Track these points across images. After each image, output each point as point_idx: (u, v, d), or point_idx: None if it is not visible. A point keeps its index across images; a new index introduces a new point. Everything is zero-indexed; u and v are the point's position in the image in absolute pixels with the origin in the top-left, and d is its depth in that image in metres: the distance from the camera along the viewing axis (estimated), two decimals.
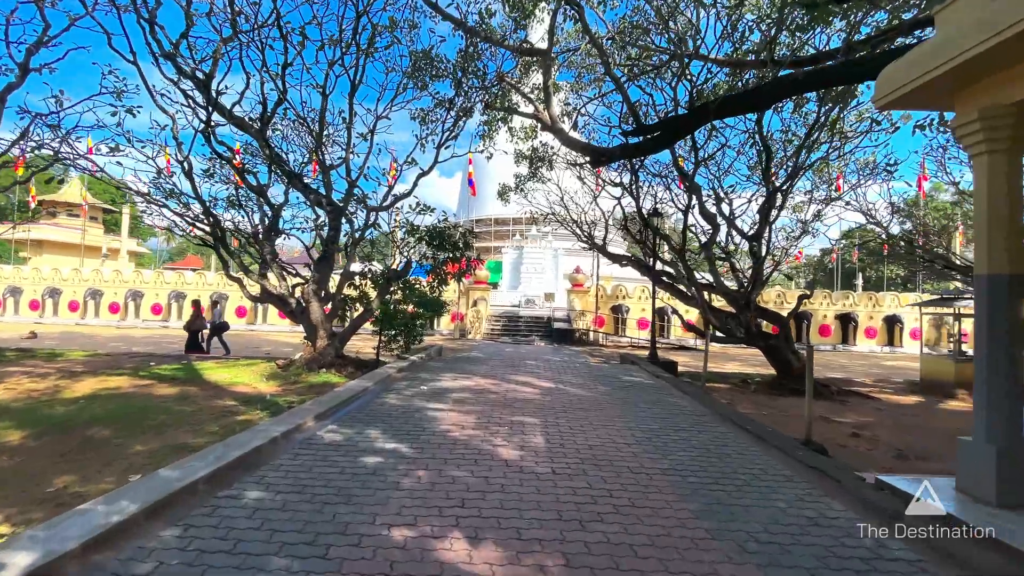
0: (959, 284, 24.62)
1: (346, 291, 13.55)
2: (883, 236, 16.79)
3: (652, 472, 4.79)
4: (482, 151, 15.95)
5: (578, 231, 18.59)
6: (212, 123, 12.45)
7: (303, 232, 14.37)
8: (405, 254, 13.88)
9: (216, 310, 16.86)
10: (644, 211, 12.22)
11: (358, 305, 13.45)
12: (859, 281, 45.19)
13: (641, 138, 8.81)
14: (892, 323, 26.09)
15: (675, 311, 12.97)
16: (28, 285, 28.07)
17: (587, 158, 11.37)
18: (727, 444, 5.91)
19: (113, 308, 27.41)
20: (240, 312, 26.68)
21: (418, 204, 13.68)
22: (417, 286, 14.04)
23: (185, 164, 11.94)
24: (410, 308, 13.36)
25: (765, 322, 12.47)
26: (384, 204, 12.79)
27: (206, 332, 16.67)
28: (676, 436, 6.11)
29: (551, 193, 18.69)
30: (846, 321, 26.03)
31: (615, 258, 16.71)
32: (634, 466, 4.93)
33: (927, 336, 26.53)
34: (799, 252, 22.82)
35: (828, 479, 4.85)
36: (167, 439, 6.06)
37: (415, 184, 12.26)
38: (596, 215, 18.44)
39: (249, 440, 5.21)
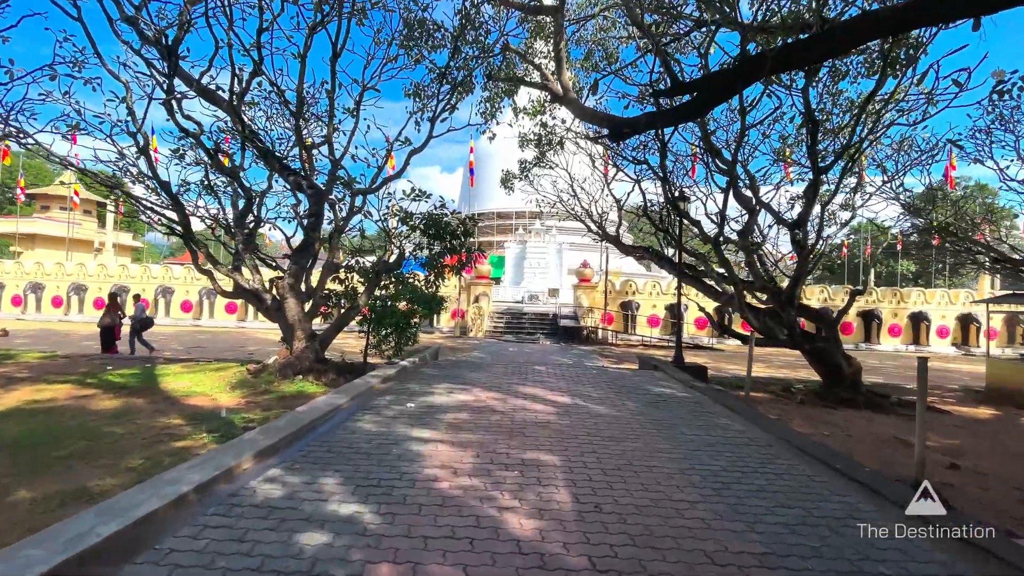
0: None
1: (330, 286, 11.80)
2: (920, 225, 14.96)
3: (746, 563, 3.03)
4: (483, 130, 14.18)
5: (588, 221, 16.77)
6: (178, 95, 10.74)
7: (289, 222, 12.66)
8: (397, 245, 12.11)
9: (138, 305, 14.96)
10: (672, 193, 10.40)
11: (344, 302, 11.71)
12: (870, 277, 43.28)
13: (667, 104, 7.02)
14: (918, 320, 24.24)
15: (703, 309, 11.15)
16: (11, 280, 26.38)
17: (605, 131, 9.57)
18: (824, 496, 4.15)
19: (98, 304, 25.69)
20: (230, 308, 24.97)
21: (413, 190, 11.92)
22: (412, 280, 12.28)
23: (140, 138, 10.18)
24: (403, 305, 11.60)
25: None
26: (372, 186, 11.00)
27: (129, 329, 14.85)
28: (749, 483, 4.34)
29: (558, 180, 16.89)
30: (869, 318, 24.19)
31: (630, 250, 14.92)
32: (714, 549, 3.17)
33: (955, 336, 24.71)
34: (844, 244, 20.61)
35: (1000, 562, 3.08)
36: (70, 479, 4.41)
37: (407, 162, 10.49)
38: (608, 204, 16.63)
39: (139, 501, 3.46)
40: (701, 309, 11.40)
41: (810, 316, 10.61)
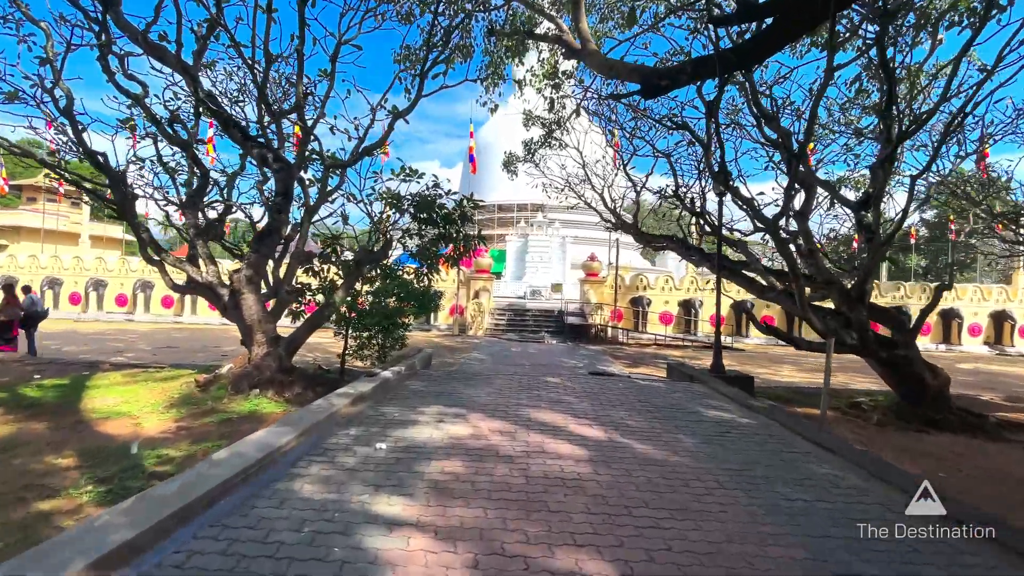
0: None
1: (303, 279, 9.76)
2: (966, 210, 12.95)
3: None
4: (484, 101, 12.11)
5: (600, 208, 14.70)
6: (120, 51, 8.72)
7: (262, 206, 10.59)
8: (383, 231, 10.06)
9: (30, 297, 12.76)
10: (717, 166, 8.30)
11: (321, 297, 9.70)
12: (882, 272, 41.11)
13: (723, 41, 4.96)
14: (949, 318, 22.20)
15: (739, 304, 9.09)
16: None
17: (634, 88, 7.51)
18: None
19: (74, 299, 23.67)
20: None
21: (403, 169, 9.88)
22: (401, 274, 10.25)
23: (61, 96, 8.14)
24: (390, 302, 9.58)
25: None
26: (351, 159, 8.93)
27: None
28: None
29: (568, 162, 14.82)
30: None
31: (651, 240, 12.86)
32: None
33: (987, 334, 22.69)
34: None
35: None
36: None
37: (390, 127, 8.41)
38: (623, 190, 14.55)
39: None
40: (743, 307, 9.35)
41: (882, 317, 8.59)
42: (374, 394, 6.58)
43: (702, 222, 10.57)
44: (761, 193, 9.82)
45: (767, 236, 12.10)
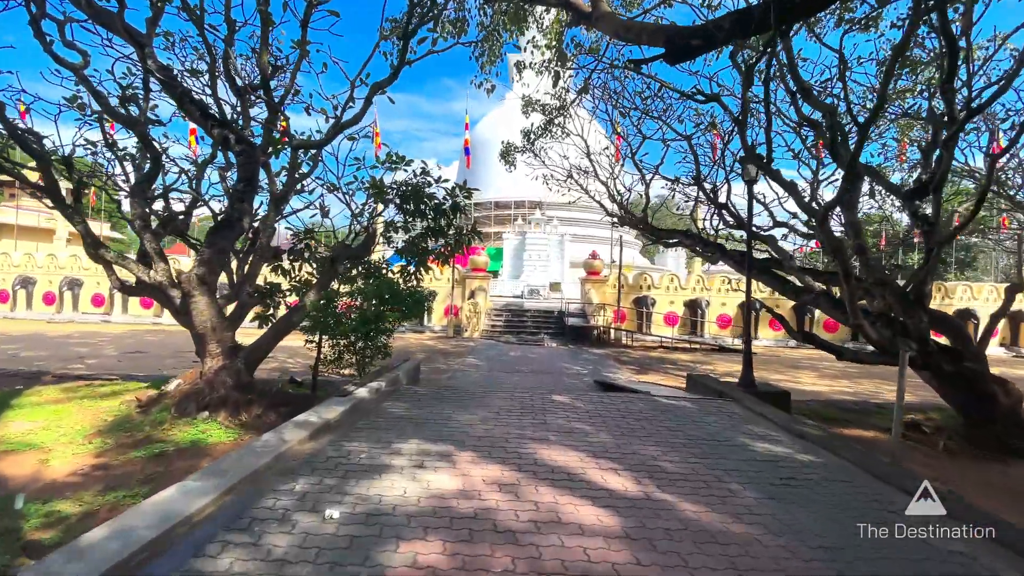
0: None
1: (272, 278, 8.42)
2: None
3: None
4: (479, 81, 10.78)
5: (606, 201, 13.38)
6: (63, 15, 7.41)
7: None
8: (364, 223, 8.71)
9: None
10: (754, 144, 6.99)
11: (291, 299, 8.37)
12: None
13: None
14: (965, 318, 20.93)
15: (769, 309, 7.79)
16: None
17: (657, 52, 6.17)
18: None
19: (48, 299, 22.18)
20: None
21: (389, 155, 8.56)
22: (386, 272, 8.93)
23: None
24: (372, 305, 8.24)
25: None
26: (322, 139, 7.56)
27: None
28: None
29: (571, 150, 13.50)
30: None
31: (663, 236, 11.55)
32: None
33: (1003, 335, 21.51)
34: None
35: None
36: None
37: (368, 100, 7.05)
38: (631, 182, 13.23)
39: None
40: (769, 311, 8.06)
41: (937, 323, 7.30)
42: (342, 422, 5.24)
43: (725, 214, 9.26)
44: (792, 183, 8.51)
45: (785, 231, 10.83)
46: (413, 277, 8.92)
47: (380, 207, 8.89)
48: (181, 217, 9.19)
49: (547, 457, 4.34)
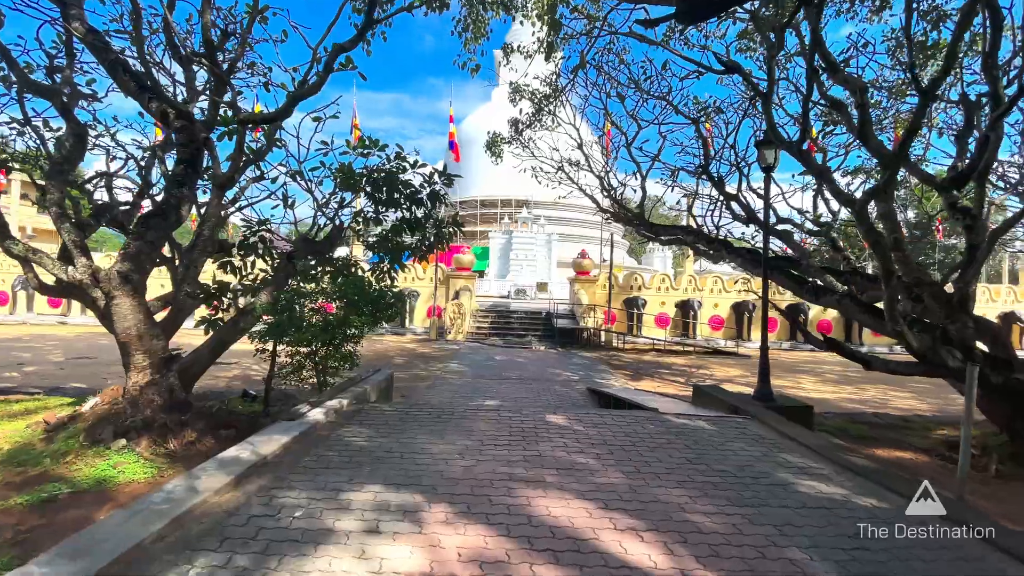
0: None
1: (220, 276, 7.21)
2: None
3: None
4: (462, 62, 9.73)
5: (599, 196, 12.38)
6: None
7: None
8: (329, 215, 7.55)
9: None
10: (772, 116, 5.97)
11: (242, 302, 7.16)
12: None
13: None
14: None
15: (782, 311, 6.81)
16: None
17: (667, 12, 5.13)
18: None
19: (1, 299, 20.48)
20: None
21: (362, 140, 7.45)
22: (355, 270, 7.78)
23: None
24: (336, 307, 7.09)
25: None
26: (275, 112, 6.38)
27: None
28: None
29: (561, 140, 12.47)
30: None
31: (662, 232, 10.57)
32: None
33: None
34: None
35: None
36: None
37: (328, 66, 5.89)
38: (625, 176, 12.23)
39: None
40: (782, 312, 7.09)
41: (980, 329, 6.39)
42: (283, 458, 4.10)
43: (735, 207, 8.30)
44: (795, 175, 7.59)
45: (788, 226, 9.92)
46: (387, 276, 7.80)
47: (348, 196, 7.75)
48: (126, 208, 7.96)
49: (545, 511, 3.26)
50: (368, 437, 4.68)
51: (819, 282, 7.18)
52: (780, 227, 10.07)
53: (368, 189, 7.39)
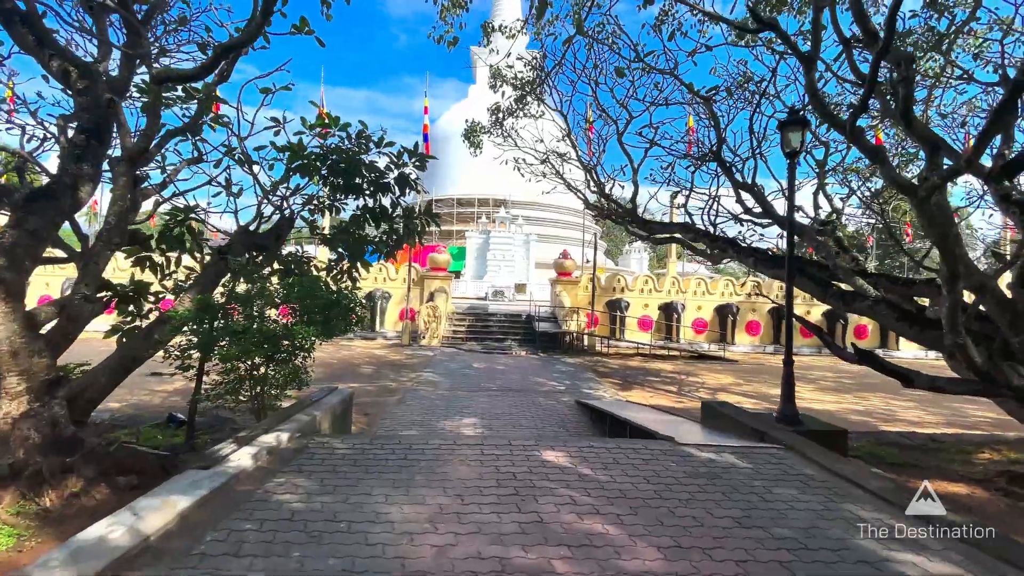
0: None
1: (149, 276, 5.81)
2: None
3: None
4: (438, 36, 8.55)
5: (588, 192, 11.31)
6: None
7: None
8: (276, 202, 6.22)
9: None
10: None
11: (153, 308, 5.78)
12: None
13: None
14: None
15: (803, 320, 5.79)
16: None
17: None
18: None
19: None
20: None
21: (320, 118, 6.23)
22: (310, 270, 6.47)
23: None
24: (280, 315, 5.78)
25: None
26: (198, 67, 5.04)
27: None
28: None
29: (547, 129, 11.37)
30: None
31: (656, 229, 9.56)
32: None
33: None
34: None
35: None
36: None
37: (267, 9, 4.60)
38: (613, 169, 11.17)
39: None
40: (803, 322, 6.12)
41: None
42: (175, 539, 2.82)
43: (748, 199, 7.30)
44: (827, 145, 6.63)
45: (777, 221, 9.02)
46: (346, 276, 6.51)
47: (301, 181, 6.42)
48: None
49: None
50: (307, 494, 3.42)
51: (842, 286, 6.23)
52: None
53: (324, 172, 6.11)
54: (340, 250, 6.48)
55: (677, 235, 8.96)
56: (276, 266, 6.49)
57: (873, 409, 10.13)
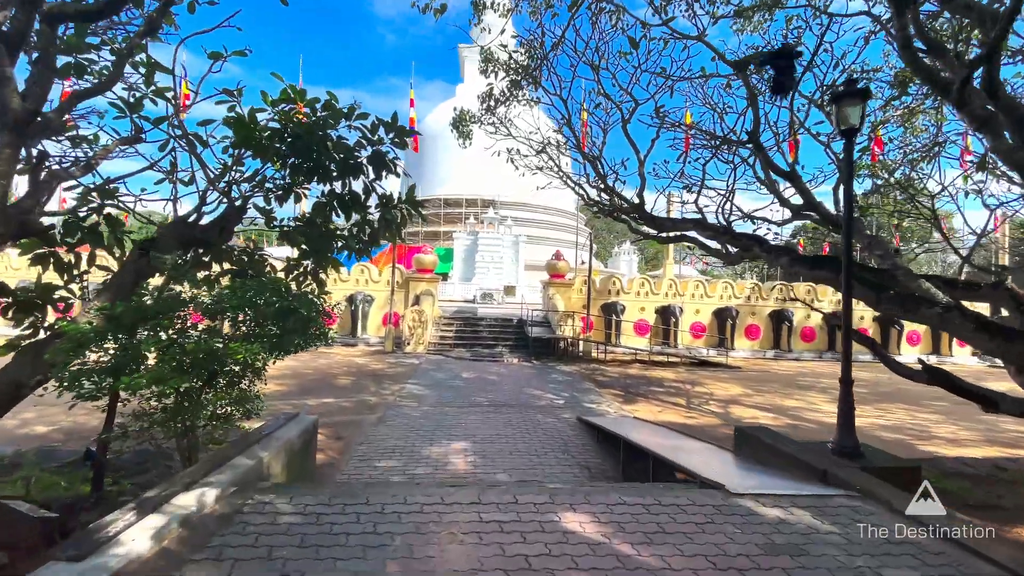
0: None
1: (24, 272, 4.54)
2: None
3: None
4: (423, 6, 7.48)
5: (587, 188, 10.23)
6: None
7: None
8: (225, 188, 5.00)
9: None
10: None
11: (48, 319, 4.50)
12: None
13: None
14: None
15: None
16: None
17: None
18: None
19: None
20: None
21: (286, 91, 5.04)
22: (265, 268, 5.28)
23: None
24: (216, 325, 4.57)
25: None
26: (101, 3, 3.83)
27: None
28: None
29: (542, 121, 10.29)
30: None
31: (667, 226, 8.51)
32: None
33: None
34: None
35: None
36: None
37: None
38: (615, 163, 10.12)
39: None
40: (853, 333, 5.09)
41: None
42: None
43: (786, 189, 6.27)
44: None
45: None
46: (312, 279, 5.32)
47: (255, 164, 5.21)
48: None
49: None
50: None
51: (892, 290, 5.21)
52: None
53: (283, 149, 4.92)
54: (304, 247, 5.28)
55: (688, 233, 7.91)
56: (229, 266, 5.29)
57: (902, 424, 9.20)
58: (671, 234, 8.86)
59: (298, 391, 9.81)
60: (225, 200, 5.03)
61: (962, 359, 19.65)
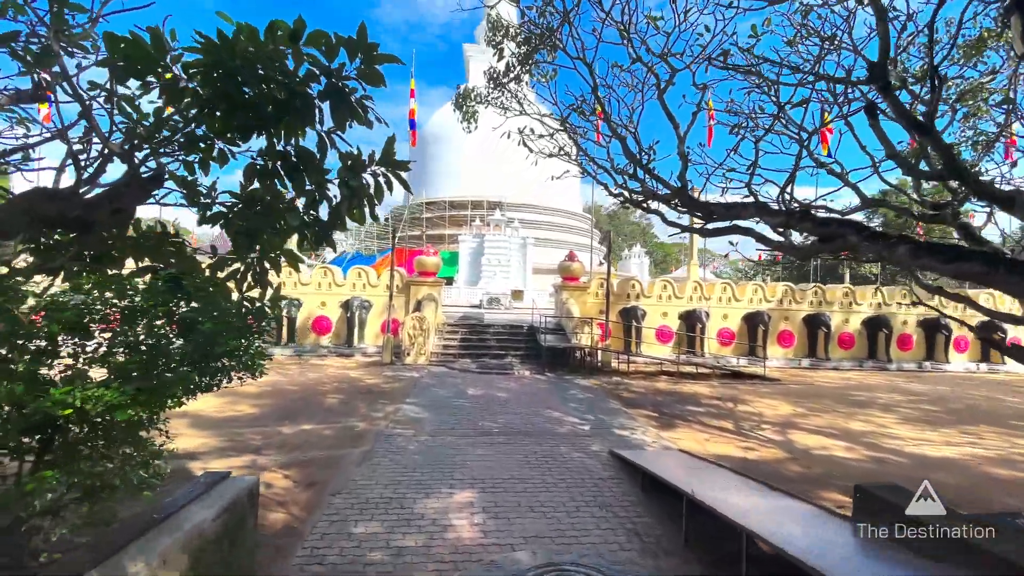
0: None
1: None
2: None
3: None
4: None
5: (611, 172, 8.55)
6: None
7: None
8: (119, 146, 3.44)
9: None
10: None
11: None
12: (845, 276, 37.66)
13: None
14: (990, 330, 17.63)
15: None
16: None
17: None
18: None
19: None
20: None
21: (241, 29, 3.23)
22: (184, 253, 3.62)
23: None
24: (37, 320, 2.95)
25: None
26: None
27: None
28: None
29: (553, 104, 8.63)
30: (934, 330, 17.35)
31: (722, 214, 6.81)
32: None
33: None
34: None
35: None
36: None
37: None
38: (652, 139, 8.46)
39: None
40: (991, 340, 3.40)
41: None
42: None
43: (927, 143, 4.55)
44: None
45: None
46: (256, 280, 3.69)
47: (158, 104, 3.59)
48: None
49: None
50: None
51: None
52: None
53: (196, 87, 3.29)
54: (242, 233, 3.64)
55: (742, 224, 6.21)
56: (133, 258, 3.67)
57: (1008, 456, 7.41)
58: (721, 224, 7.16)
59: (273, 415, 8.18)
60: (122, 164, 3.41)
61: (1015, 367, 17.72)
